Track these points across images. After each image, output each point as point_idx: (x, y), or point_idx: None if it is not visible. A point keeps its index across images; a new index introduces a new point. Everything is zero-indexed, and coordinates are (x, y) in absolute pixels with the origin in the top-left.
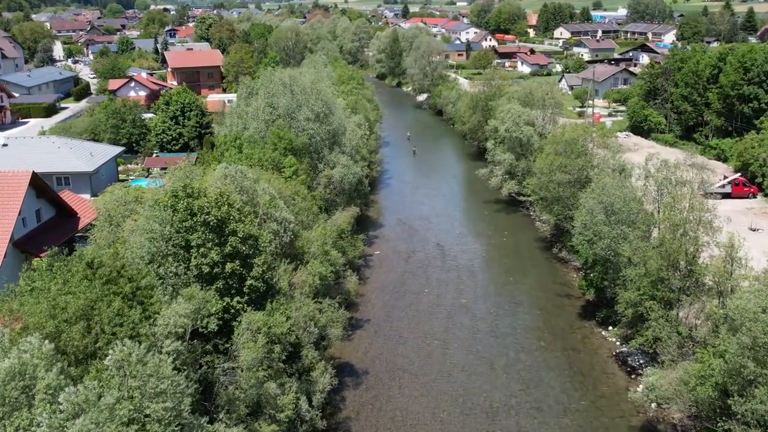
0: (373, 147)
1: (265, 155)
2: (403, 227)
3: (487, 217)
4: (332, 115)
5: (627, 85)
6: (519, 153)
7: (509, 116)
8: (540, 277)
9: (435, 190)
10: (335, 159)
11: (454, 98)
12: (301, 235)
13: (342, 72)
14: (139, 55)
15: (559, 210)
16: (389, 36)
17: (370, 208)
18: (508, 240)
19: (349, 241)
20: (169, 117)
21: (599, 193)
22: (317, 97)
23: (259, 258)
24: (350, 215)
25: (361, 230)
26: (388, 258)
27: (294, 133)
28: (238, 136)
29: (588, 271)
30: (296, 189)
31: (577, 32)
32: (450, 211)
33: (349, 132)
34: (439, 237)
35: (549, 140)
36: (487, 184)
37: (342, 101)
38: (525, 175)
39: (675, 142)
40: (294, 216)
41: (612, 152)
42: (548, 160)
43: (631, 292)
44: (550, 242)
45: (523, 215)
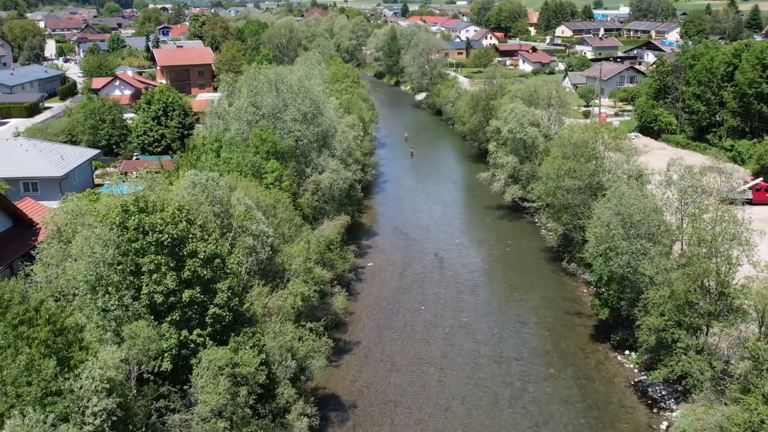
0: (367, 149)
1: (245, 160)
2: (399, 236)
3: (488, 225)
4: (321, 115)
5: (633, 83)
6: (523, 156)
7: (512, 116)
8: (547, 292)
9: (433, 195)
10: (324, 163)
11: (454, 97)
12: (282, 250)
13: (336, 70)
14: (129, 53)
15: (568, 219)
16: (387, 34)
17: (363, 214)
18: (512, 250)
19: (339, 253)
20: (151, 117)
21: (616, 204)
22: (305, 96)
23: (224, 282)
24: (340, 224)
25: (353, 239)
26: (381, 270)
27: (279, 134)
28: (217, 138)
29: (601, 289)
30: (277, 198)
31: (579, 30)
32: (449, 217)
33: (340, 133)
34: (438, 247)
35: (556, 142)
36: (489, 189)
37: (334, 100)
38: (529, 180)
39: (687, 143)
40: (273, 229)
41: (626, 156)
42: (555, 164)
43: (654, 317)
44: (557, 253)
45: (527, 222)
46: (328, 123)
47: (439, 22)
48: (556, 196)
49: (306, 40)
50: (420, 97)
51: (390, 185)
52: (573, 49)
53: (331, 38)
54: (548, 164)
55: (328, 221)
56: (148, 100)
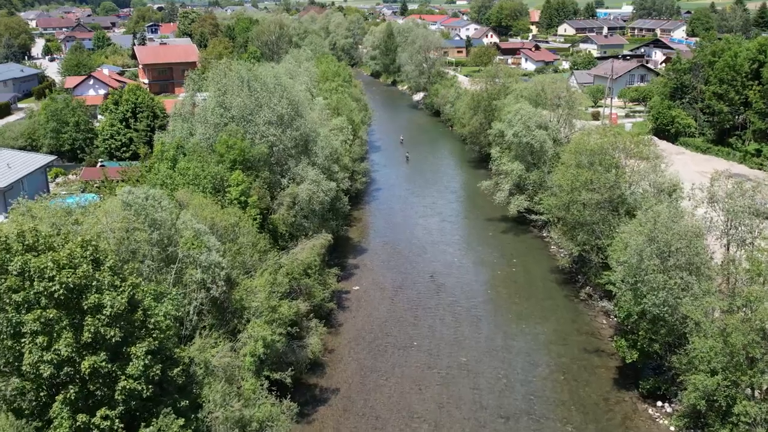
0: (357, 154)
1: (205, 171)
2: (390, 253)
3: (491, 240)
4: (301, 117)
5: (644, 82)
6: (530, 162)
7: (518, 118)
8: (560, 323)
9: (430, 205)
10: (303, 172)
11: (453, 97)
12: (242, 283)
13: (326, 68)
14: (113, 51)
15: (585, 238)
16: (383, 31)
17: (351, 227)
18: (518, 271)
19: (317, 278)
20: (119, 119)
21: (651, 228)
22: (282, 96)
23: (140, 345)
24: (320, 244)
25: (338, 257)
26: (368, 296)
27: (250, 140)
28: (179, 144)
29: (629, 326)
30: (238, 218)
31: (582, 29)
32: (447, 232)
33: (323, 138)
34: (434, 267)
35: (569, 149)
36: (491, 199)
37: (321, 101)
38: (537, 190)
39: (708, 147)
40: (232, 257)
41: (653, 165)
42: (569, 174)
43: (704, 375)
44: (569, 275)
45: (534, 237)
46: (309, 126)
47: (439, 20)
48: (570, 212)
49: (298, 38)
50: (417, 97)
51: (382, 194)
52: (577, 47)
53: (327, 36)
54: (561, 174)
55: (306, 240)
56: (116, 100)
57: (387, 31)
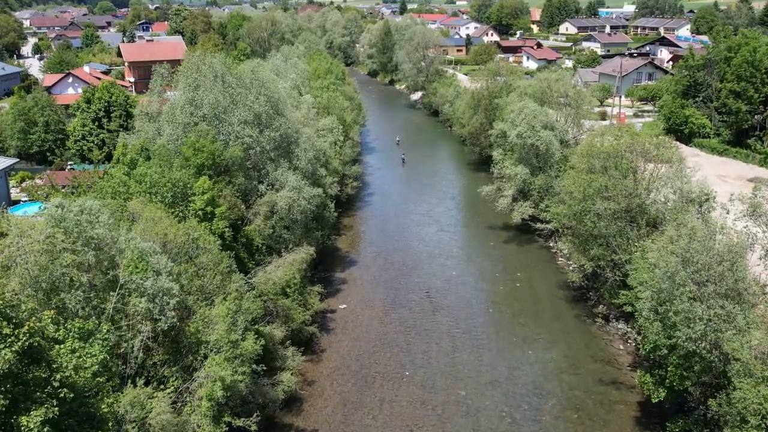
0: (349, 156)
1: (164, 177)
2: (383, 267)
3: (493, 251)
4: (281, 116)
5: (652, 80)
6: (535, 165)
7: (522, 117)
8: (571, 349)
9: (427, 213)
10: (283, 178)
11: (452, 96)
12: (199, 311)
13: (318, 65)
14: (100, 49)
15: (600, 252)
16: (380, 29)
17: (340, 237)
18: (523, 286)
19: (297, 298)
20: (91, 119)
21: (685, 248)
22: (259, 92)
23: (35, 414)
24: (301, 259)
25: (324, 271)
26: (356, 316)
27: (222, 141)
28: (144, 146)
29: (655, 359)
30: (197, 233)
31: (584, 27)
32: (445, 242)
33: (305, 140)
34: (430, 281)
35: (580, 151)
36: (493, 206)
37: (309, 99)
38: (543, 196)
39: (725, 149)
40: (188, 280)
41: (678, 170)
42: (581, 180)
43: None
44: (580, 291)
45: (540, 247)
46: (291, 126)
47: (438, 20)
48: (583, 223)
49: (291, 35)
50: (415, 96)
51: (375, 199)
52: (580, 45)
53: (324, 35)
54: (571, 180)
55: (286, 254)
56: (88, 98)
57: (384, 28)
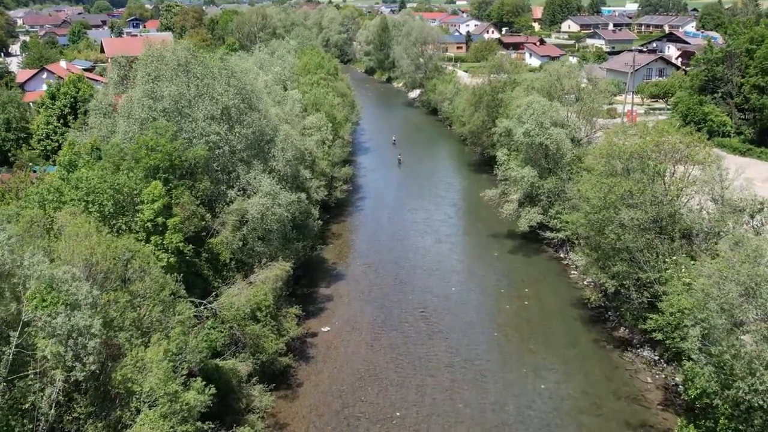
0: (338, 156)
1: (105, 182)
2: (373, 281)
3: (497, 263)
4: (255, 111)
5: (663, 76)
6: (543, 167)
7: (530, 113)
8: (590, 382)
9: (424, 220)
10: (256, 182)
11: (452, 93)
12: (129, 355)
13: (308, 59)
14: (86, 45)
15: (624, 269)
16: (378, 25)
17: (327, 246)
18: (531, 304)
19: (269, 323)
20: (56, 116)
21: (750, 275)
22: (229, 83)
23: None
24: (275, 276)
25: (307, 286)
26: (341, 341)
27: (185, 140)
28: (96, 145)
29: (701, 406)
30: (131, 253)
31: (586, 25)
32: (443, 253)
33: (284, 138)
34: (426, 299)
35: (599, 151)
36: (497, 212)
37: (296, 94)
38: (553, 201)
39: (748, 149)
40: (118, 313)
41: (718, 173)
42: (600, 184)
43: None
44: (598, 310)
45: (549, 258)
46: (268, 123)
47: (438, 18)
48: (603, 234)
49: (284, 30)
50: (413, 94)
51: (368, 204)
52: (583, 42)
53: (320, 32)
54: (590, 185)
55: (260, 271)
56: (53, 94)
57: (381, 24)
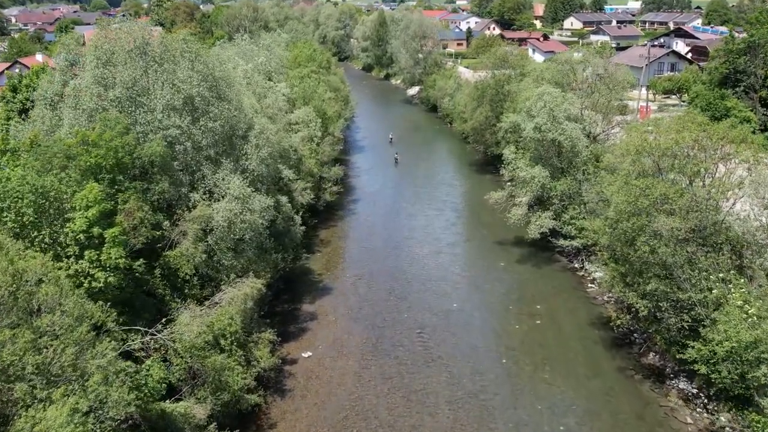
0: (328, 155)
1: (25, 185)
2: (364, 296)
3: (504, 275)
4: (224, 101)
5: (675, 71)
6: (556, 166)
7: (541, 105)
8: (618, 422)
9: (422, 225)
10: (225, 184)
11: (452, 89)
12: (23, 417)
13: (299, 52)
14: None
15: (660, 288)
16: (375, 20)
17: (312, 256)
18: (545, 323)
19: (235, 351)
20: (17, 110)
21: None
22: (192, 67)
23: None
24: (243, 296)
25: (287, 303)
26: (324, 369)
27: (139, 134)
28: (36, 140)
29: None
30: (41, 275)
31: (589, 22)
32: (444, 263)
33: (258, 133)
34: (424, 317)
35: (626, 148)
36: (504, 217)
37: (283, 87)
38: (566, 204)
39: None
40: (16, 357)
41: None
42: (629, 188)
43: None
44: (622, 332)
45: (563, 269)
46: (237, 115)
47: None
48: (633, 246)
49: (277, 24)
50: (412, 91)
51: (361, 208)
52: (588, 39)
53: (317, 29)
54: (616, 187)
55: (227, 288)
56: (13, 86)
57: (379, 19)
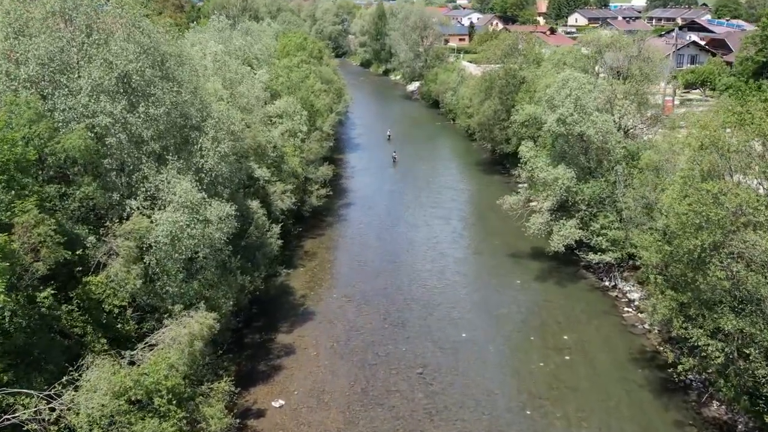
0: (316, 153)
1: None
2: (352, 323)
3: (521, 295)
4: (173, 82)
5: (695, 64)
6: (583, 166)
7: (566, 94)
8: None
9: (423, 235)
10: (170, 188)
11: (456, 83)
12: None
13: (288, 41)
14: None
15: (740, 325)
16: (374, 13)
17: (294, 271)
18: (575, 359)
19: (175, 412)
20: None
21: None
22: (129, 38)
23: None
24: (188, 336)
25: (259, 331)
26: (299, 425)
27: (59, 123)
28: None
29: None
30: None
31: (594, 18)
32: (450, 281)
33: (217, 122)
34: (425, 352)
35: (686, 143)
36: (519, 225)
37: (264, 76)
38: (596, 211)
39: None
40: None
41: None
42: (697, 195)
43: None
44: (669, 367)
45: (591, 288)
46: (192, 100)
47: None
48: (703, 272)
49: (269, 15)
50: (412, 87)
51: (353, 213)
52: None
53: (314, 24)
54: (677, 193)
55: (172, 324)
56: None
57: (377, 12)
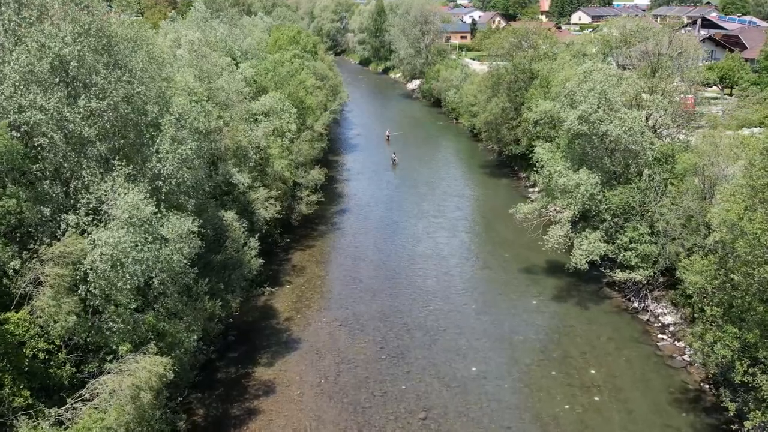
0: (307, 155)
1: None
2: (344, 355)
3: (538, 319)
4: (123, 69)
5: (712, 60)
6: (608, 170)
7: (589, 88)
8: None
9: (425, 248)
10: (116, 200)
11: (459, 80)
12: None
13: (280, 34)
14: None
15: None
16: (373, 9)
17: (280, 290)
18: (606, 400)
19: None
20: None
21: None
22: (65, 17)
23: None
24: (133, 387)
25: (236, 364)
26: None
27: None
28: None
29: None
30: None
31: (598, 16)
32: (457, 304)
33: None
34: (429, 391)
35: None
36: (533, 237)
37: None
38: (623, 222)
39: None
40: None
41: None
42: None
43: None
44: (720, 411)
45: (618, 310)
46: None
47: None
48: None
49: (264, 10)
50: (413, 85)
51: (348, 222)
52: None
53: (312, 21)
54: (743, 208)
55: (115, 370)
56: None
57: (377, 8)
